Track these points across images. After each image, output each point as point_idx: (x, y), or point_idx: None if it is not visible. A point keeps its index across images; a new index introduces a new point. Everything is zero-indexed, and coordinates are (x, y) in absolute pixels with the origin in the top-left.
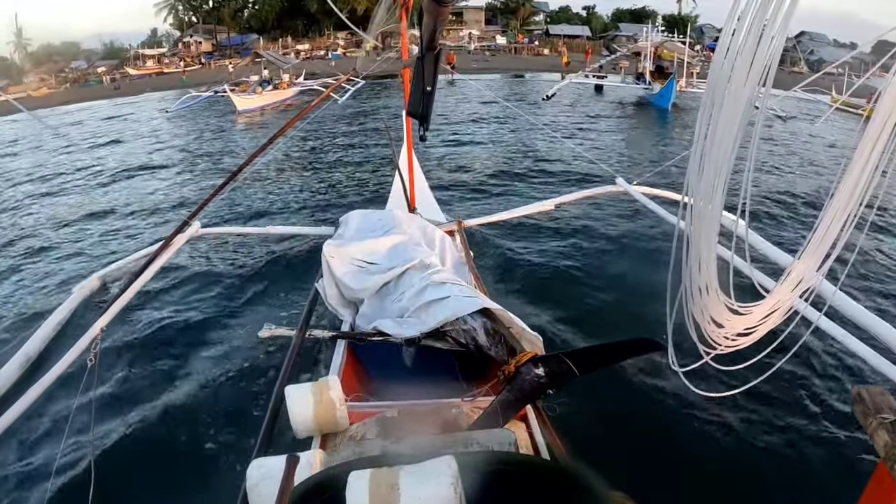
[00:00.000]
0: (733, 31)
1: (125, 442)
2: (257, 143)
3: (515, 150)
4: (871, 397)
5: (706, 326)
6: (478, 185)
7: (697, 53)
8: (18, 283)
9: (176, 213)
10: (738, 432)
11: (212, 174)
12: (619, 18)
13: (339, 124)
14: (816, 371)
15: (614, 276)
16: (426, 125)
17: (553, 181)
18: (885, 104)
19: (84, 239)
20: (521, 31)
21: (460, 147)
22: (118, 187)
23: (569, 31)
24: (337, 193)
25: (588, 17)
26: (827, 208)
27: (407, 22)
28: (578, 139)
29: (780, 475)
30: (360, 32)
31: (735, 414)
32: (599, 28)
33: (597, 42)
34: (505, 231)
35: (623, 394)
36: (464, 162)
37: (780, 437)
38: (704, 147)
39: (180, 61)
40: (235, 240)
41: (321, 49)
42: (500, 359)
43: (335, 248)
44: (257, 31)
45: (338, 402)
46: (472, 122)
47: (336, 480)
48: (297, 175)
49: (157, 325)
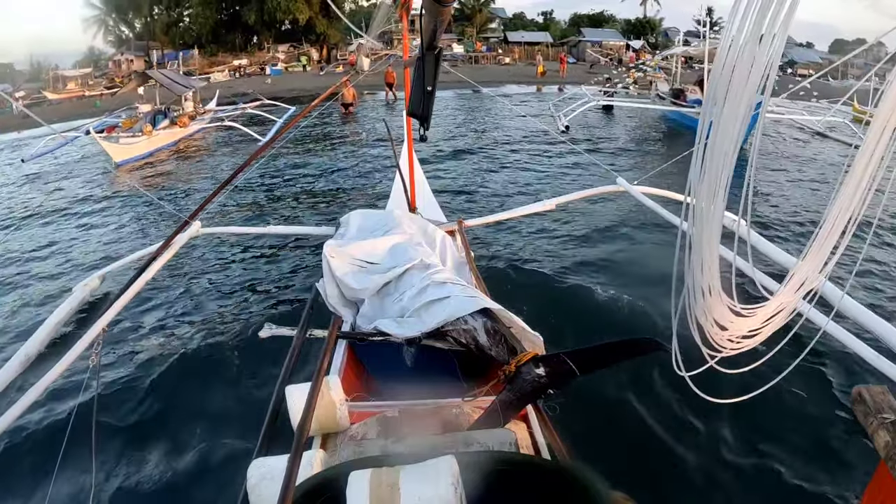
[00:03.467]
0: (734, 31)
1: (127, 441)
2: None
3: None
4: (871, 397)
5: (709, 329)
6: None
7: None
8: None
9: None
10: (740, 432)
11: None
12: (578, 24)
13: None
14: (818, 371)
15: (615, 276)
16: (426, 125)
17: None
18: (886, 104)
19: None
20: (478, 39)
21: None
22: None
23: (529, 38)
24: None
25: (546, 24)
26: (830, 208)
27: (407, 23)
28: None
29: (782, 476)
30: (360, 32)
31: (735, 414)
32: (558, 35)
33: (558, 48)
34: (505, 231)
35: (624, 394)
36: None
37: (780, 437)
38: (706, 147)
39: (110, 82)
40: (236, 239)
41: (261, 64)
42: (501, 358)
43: (336, 248)
44: (192, 46)
45: (338, 402)
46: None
47: (336, 480)
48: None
49: (157, 325)
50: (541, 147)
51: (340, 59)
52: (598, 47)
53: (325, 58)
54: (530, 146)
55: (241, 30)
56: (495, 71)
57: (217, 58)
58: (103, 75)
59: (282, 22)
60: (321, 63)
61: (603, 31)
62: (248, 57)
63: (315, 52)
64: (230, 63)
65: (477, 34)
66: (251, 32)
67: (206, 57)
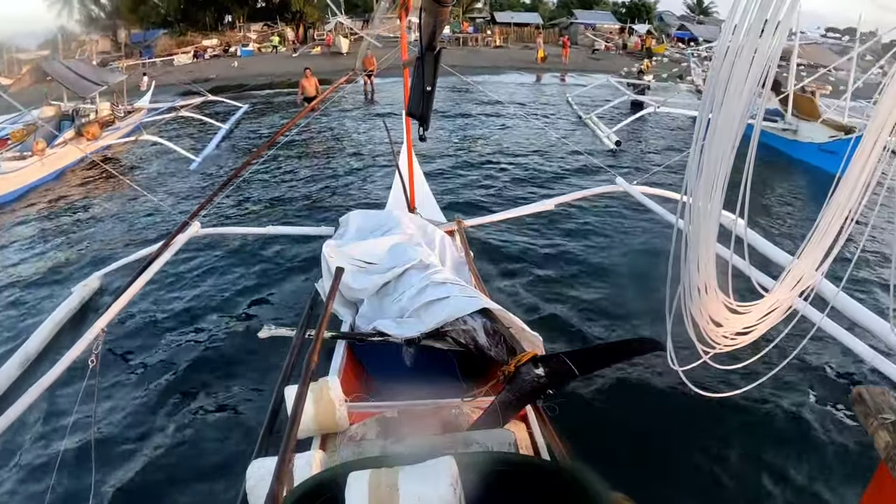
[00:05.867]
0: (733, 29)
1: (126, 442)
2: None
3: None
4: (871, 397)
5: (705, 325)
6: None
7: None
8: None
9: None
10: (738, 432)
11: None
12: (568, 6)
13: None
14: (816, 370)
15: (614, 276)
16: (426, 125)
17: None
18: (885, 102)
19: None
20: (464, 20)
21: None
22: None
23: (518, 19)
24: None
25: (534, 4)
26: (827, 207)
27: (406, 22)
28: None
29: (780, 475)
30: (360, 31)
31: (734, 413)
32: (547, 16)
33: (549, 31)
34: (505, 231)
35: (623, 394)
36: None
37: (780, 438)
38: (703, 146)
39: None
40: (235, 240)
41: (224, 45)
42: (500, 359)
43: (335, 249)
44: (159, 25)
45: (337, 403)
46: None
47: (336, 481)
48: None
49: (157, 326)
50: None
51: (318, 40)
52: (591, 30)
53: (301, 38)
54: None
55: (213, 7)
56: (490, 54)
57: (186, 38)
58: (66, 58)
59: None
60: (295, 44)
61: (596, 14)
62: (218, 37)
63: (291, 32)
64: (199, 44)
65: (463, 14)
66: (223, 10)
67: (174, 37)
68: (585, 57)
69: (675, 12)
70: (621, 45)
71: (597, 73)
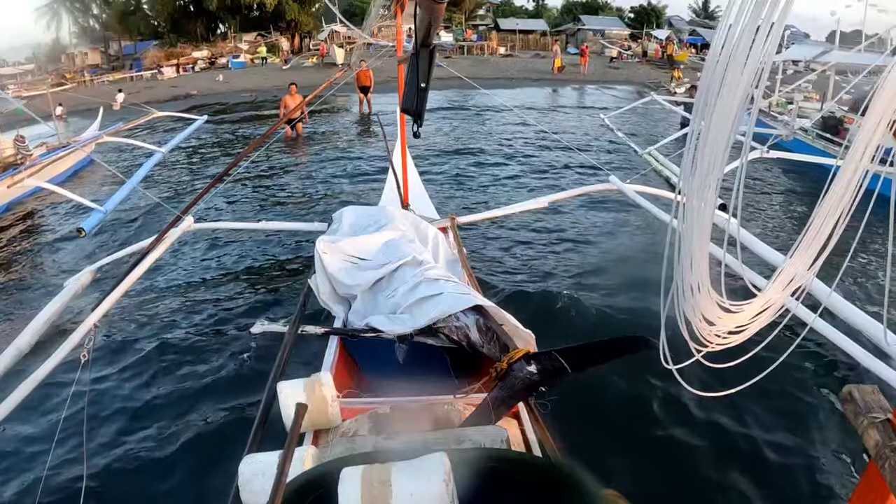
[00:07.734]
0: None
1: (118, 438)
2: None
3: None
4: (861, 396)
5: (697, 324)
6: None
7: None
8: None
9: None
10: (729, 430)
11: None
12: (572, 11)
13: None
14: (807, 370)
15: (607, 274)
16: (420, 121)
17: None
18: (879, 100)
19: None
20: (467, 27)
21: None
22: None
23: (523, 26)
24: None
25: (537, 10)
26: (820, 206)
27: (402, 20)
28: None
29: (772, 474)
30: (355, 29)
31: (726, 412)
32: (552, 22)
33: (555, 37)
34: (498, 228)
35: (614, 391)
36: None
37: (772, 436)
38: (697, 145)
39: (62, 79)
40: (228, 235)
41: (210, 57)
42: (493, 356)
43: (328, 244)
44: (151, 37)
45: (330, 399)
46: None
47: (328, 476)
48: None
49: (149, 321)
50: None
51: (313, 49)
52: (601, 37)
53: (296, 48)
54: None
55: (204, 18)
56: (499, 64)
57: (176, 49)
58: (55, 71)
59: (248, 7)
60: (287, 55)
61: (603, 20)
62: (209, 48)
63: (285, 42)
64: (189, 55)
65: (466, 21)
66: (215, 20)
67: (163, 49)
68: (604, 66)
69: (684, 17)
70: (641, 52)
71: (619, 84)
